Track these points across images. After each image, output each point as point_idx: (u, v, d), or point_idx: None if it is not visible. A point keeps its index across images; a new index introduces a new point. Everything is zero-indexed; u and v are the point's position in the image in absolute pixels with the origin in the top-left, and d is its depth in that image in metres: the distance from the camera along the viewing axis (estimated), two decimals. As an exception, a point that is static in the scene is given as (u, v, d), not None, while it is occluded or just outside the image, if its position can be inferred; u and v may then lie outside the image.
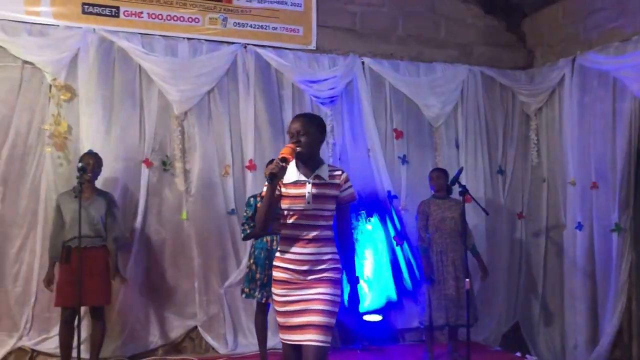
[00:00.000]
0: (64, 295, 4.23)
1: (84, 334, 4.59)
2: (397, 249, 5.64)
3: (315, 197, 2.83)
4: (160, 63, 5.14)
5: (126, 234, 4.92)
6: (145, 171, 5.11)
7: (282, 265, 2.87)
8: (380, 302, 5.52)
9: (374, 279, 5.57)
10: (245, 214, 4.58)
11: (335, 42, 5.80)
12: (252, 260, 4.53)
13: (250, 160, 5.37)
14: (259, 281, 4.46)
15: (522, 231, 6.23)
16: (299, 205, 2.83)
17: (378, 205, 5.68)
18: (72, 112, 4.96)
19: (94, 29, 5.03)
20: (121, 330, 4.93)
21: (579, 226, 5.52)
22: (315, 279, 2.82)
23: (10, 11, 4.82)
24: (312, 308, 2.78)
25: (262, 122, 5.43)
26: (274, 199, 2.85)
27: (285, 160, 2.78)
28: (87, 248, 4.26)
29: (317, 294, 2.79)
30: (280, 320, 2.88)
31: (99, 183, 4.61)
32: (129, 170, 5.06)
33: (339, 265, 2.91)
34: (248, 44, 5.44)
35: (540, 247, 6.10)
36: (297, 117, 2.98)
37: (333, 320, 2.83)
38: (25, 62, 4.86)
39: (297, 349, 2.83)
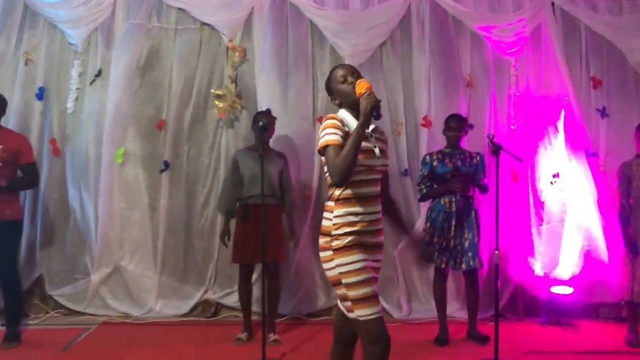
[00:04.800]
0: (241, 253, 4.29)
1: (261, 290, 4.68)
2: (594, 215, 4.96)
3: (381, 152, 2.56)
4: (332, 17, 4.98)
5: (305, 193, 4.90)
6: (318, 129, 5.01)
7: (360, 229, 2.46)
8: (572, 273, 4.93)
9: (565, 248, 4.98)
10: (420, 172, 4.34)
11: (521, -19, 5.17)
12: (428, 224, 4.30)
13: (425, 117, 5.04)
14: (437, 245, 4.25)
15: None
16: (369, 161, 2.48)
17: (572, 165, 5.03)
18: (248, 73, 5.01)
19: (267, -14, 4.99)
20: (297, 289, 4.97)
21: None
22: (381, 241, 2.58)
23: (189, -28, 4.92)
24: (377, 276, 2.55)
25: (437, 75, 5.06)
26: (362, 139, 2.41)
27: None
28: (266, 206, 4.25)
29: (379, 261, 2.59)
30: (360, 292, 2.42)
31: (273, 142, 4.59)
32: (303, 131, 5.01)
33: None
34: (423, -9, 5.06)
35: None
36: (344, 64, 2.79)
37: None
38: (204, 23, 4.98)
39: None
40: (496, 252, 3.84)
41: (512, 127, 5.08)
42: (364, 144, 2.42)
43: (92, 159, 4.94)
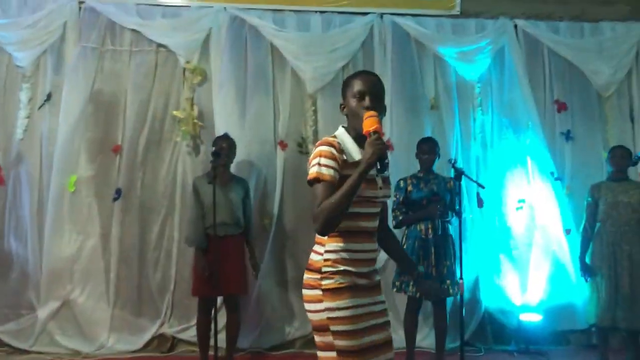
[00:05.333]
0: (202, 285, 4.08)
1: (221, 324, 4.47)
2: (560, 239, 4.88)
3: (383, 181, 2.23)
4: (293, 39, 4.88)
5: (265, 221, 4.75)
6: (280, 154, 4.87)
7: (351, 269, 2.15)
8: (540, 300, 4.82)
9: (533, 274, 4.87)
10: (395, 198, 4.13)
11: (483, 4, 5.16)
12: (402, 251, 4.12)
13: (388, 141, 4.92)
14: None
15: None
16: (370, 192, 2.16)
17: (535, 189, 4.96)
18: (205, 95, 4.86)
19: (225, 8, 4.87)
20: (258, 322, 4.76)
21: None
22: (378, 281, 2.25)
23: (146, -5, 4.79)
24: (383, 320, 2.21)
25: (400, 99, 4.96)
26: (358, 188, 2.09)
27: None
28: (226, 236, 4.07)
29: (381, 303, 2.23)
30: (351, 343, 2.09)
31: (232, 168, 4.43)
32: (264, 154, 4.86)
33: None
34: (384, 13, 5.00)
35: None
36: (368, 74, 2.28)
37: None
38: (160, 45, 4.84)
39: None
40: (460, 280, 3.70)
41: (476, 150, 4.99)
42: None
43: (40, 187, 4.70)
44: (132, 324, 4.72)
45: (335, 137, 2.21)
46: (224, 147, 4.16)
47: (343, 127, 2.27)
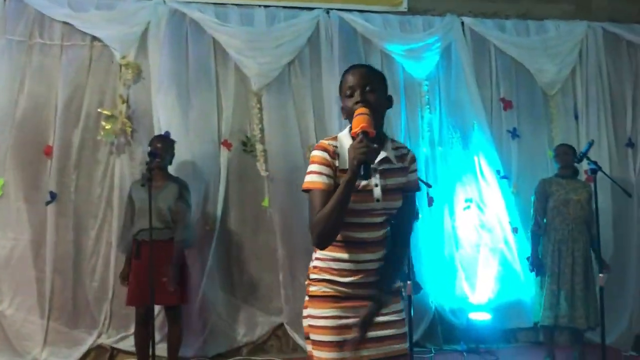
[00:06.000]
0: (135, 294, 3.86)
1: (161, 333, 4.28)
2: (508, 238, 4.88)
3: (387, 192, 1.98)
4: (236, 34, 4.68)
5: (207, 226, 4.56)
6: (224, 153, 4.67)
7: (337, 280, 1.99)
8: (489, 299, 4.81)
9: (481, 272, 4.86)
10: None
11: (430, 1, 5.10)
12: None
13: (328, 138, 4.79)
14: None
15: (657, 214, 5.27)
16: (364, 205, 1.95)
17: (483, 188, 4.94)
18: (144, 93, 4.60)
19: (164, 0, 4.64)
20: (202, 329, 4.56)
21: None
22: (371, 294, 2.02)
23: (78, -16, 4.50)
24: (395, 333, 2.01)
25: (347, 96, 4.83)
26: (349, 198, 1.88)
27: (367, 136, 1.83)
28: (157, 241, 3.82)
29: (391, 314, 2.02)
30: (325, 355, 1.95)
31: (172, 169, 4.22)
32: (207, 154, 4.65)
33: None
34: (331, 9, 4.87)
35: (680, 233, 5.15)
36: (356, 67, 2.04)
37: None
38: (94, 39, 4.55)
39: None
40: (409, 282, 3.63)
41: (424, 149, 4.93)
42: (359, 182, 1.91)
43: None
44: (67, 336, 4.43)
45: (336, 138, 2.01)
46: (159, 147, 3.94)
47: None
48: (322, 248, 1.96)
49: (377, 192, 1.96)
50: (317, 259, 2.04)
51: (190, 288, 4.26)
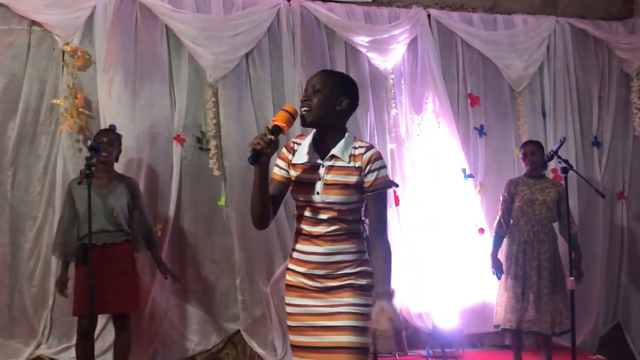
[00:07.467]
0: (83, 302, 3.53)
1: (107, 344, 3.99)
2: (473, 239, 4.74)
3: (327, 186, 2.14)
4: (190, 21, 4.37)
5: (157, 227, 4.25)
6: (177, 149, 4.38)
7: (295, 269, 2.22)
8: (454, 302, 4.66)
9: (446, 275, 4.70)
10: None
11: (396, -9, 4.91)
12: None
13: (299, 136, 4.54)
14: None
15: (622, 215, 5.22)
16: (306, 196, 2.17)
17: (449, 187, 4.78)
18: (89, 82, 4.27)
19: (112, -16, 4.29)
20: (153, 337, 4.27)
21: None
22: (337, 286, 2.17)
23: (14, -37, 4.12)
24: (339, 324, 2.13)
25: (309, 89, 4.60)
26: (265, 186, 2.13)
27: (277, 131, 2.07)
28: (107, 245, 3.59)
29: (343, 306, 2.14)
30: (294, 338, 2.23)
31: (119, 166, 3.91)
32: (158, 149, 4.36)
33: (368, 268, 2.20)
34: (293, -3, 4.63)
35: (645, 233, 5.13)
36: (316, 73, 2.27)
37: (368, 340, 2.16)
38: (33, 23, 4.19)
39: None
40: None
41: (391, 146, 4.73)
42: (304, 174, 2.17)
43: None
44: (2, 347, 4.09)
45: (302, 135, 2.28)
46: (104, 141, 3.65)
47: None
48: (259, 229, 2.23)
49: (318, 185, 2.15)
50: (292, 249, 2.27)
51: (140, 293, 3.99)
